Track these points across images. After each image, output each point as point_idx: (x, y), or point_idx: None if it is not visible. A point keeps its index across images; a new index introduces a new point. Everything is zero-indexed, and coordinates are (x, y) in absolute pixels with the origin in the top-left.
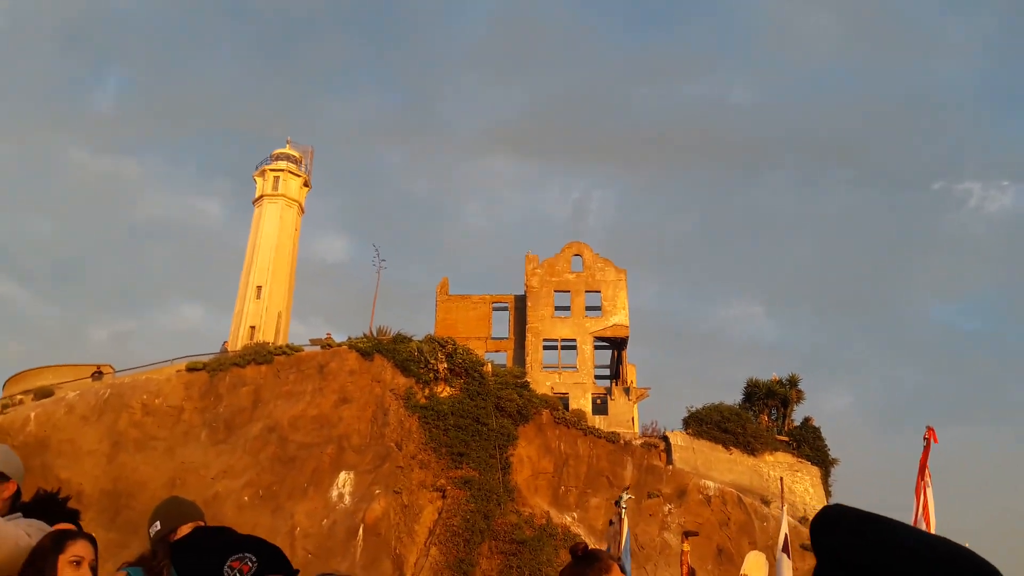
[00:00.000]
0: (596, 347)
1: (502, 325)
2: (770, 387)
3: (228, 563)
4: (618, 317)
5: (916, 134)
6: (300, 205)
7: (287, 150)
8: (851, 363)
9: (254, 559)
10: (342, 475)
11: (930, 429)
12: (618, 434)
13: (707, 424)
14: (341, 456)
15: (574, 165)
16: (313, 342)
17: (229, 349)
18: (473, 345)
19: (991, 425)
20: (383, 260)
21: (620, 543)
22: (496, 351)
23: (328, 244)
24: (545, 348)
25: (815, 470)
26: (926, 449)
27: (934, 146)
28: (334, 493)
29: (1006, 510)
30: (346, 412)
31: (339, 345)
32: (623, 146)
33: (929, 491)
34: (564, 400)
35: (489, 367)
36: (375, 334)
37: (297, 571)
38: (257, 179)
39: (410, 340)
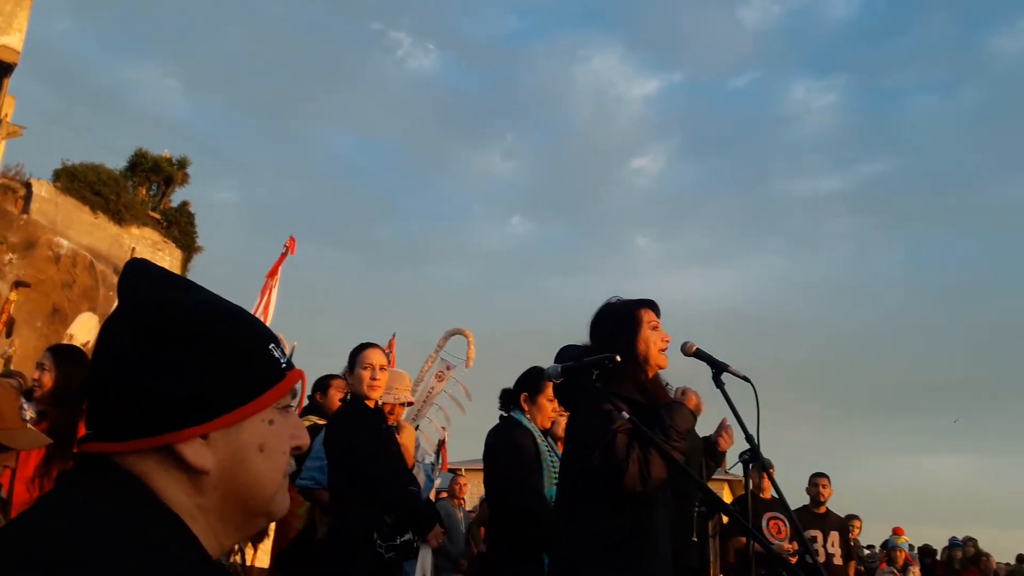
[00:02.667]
0: None
1: None
2: (158, 162)
3: None
4: (11, 39)
5: None
6: None
7: None
8: (247, 164)
9: None
10: None
11: (292, 239)
12: None
13: (80, 182)
14: None
15: None
16: None
17: None
18: None
19: (349, 253)
20: None
21: None
22: None
23: None
24: None
25: (179, 253)
26: (283, 255)
27: None
28: None
29: (334, 335)
30: None
31: None
32: None
33: (274, 292)
34: None
35: None
36: None
37: None
38: None
39: None
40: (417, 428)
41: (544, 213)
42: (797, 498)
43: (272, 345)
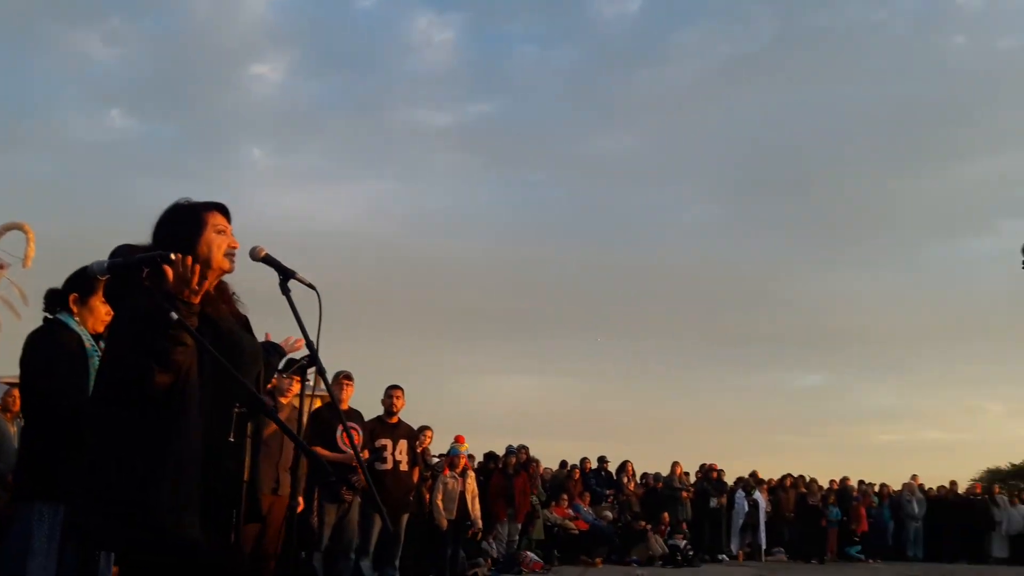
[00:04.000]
0: None
1: None
2: None
3: None
4: None
5: None
6: None
7: None
8: None
9: None
10: None
11: None
12: None
13: None
14: None
15: None
16: None
17: None
18: None
19: None
20: None
21: None
22: None
23: None
24: None
25: None
26: None
27: None
28: None
29: None
30: None
31: None
32: None
33: None
34: None
35: None
36: None
37: None
38: None
39: None
40: None
41: (149, 109)
42: (379, 409)
43: None
